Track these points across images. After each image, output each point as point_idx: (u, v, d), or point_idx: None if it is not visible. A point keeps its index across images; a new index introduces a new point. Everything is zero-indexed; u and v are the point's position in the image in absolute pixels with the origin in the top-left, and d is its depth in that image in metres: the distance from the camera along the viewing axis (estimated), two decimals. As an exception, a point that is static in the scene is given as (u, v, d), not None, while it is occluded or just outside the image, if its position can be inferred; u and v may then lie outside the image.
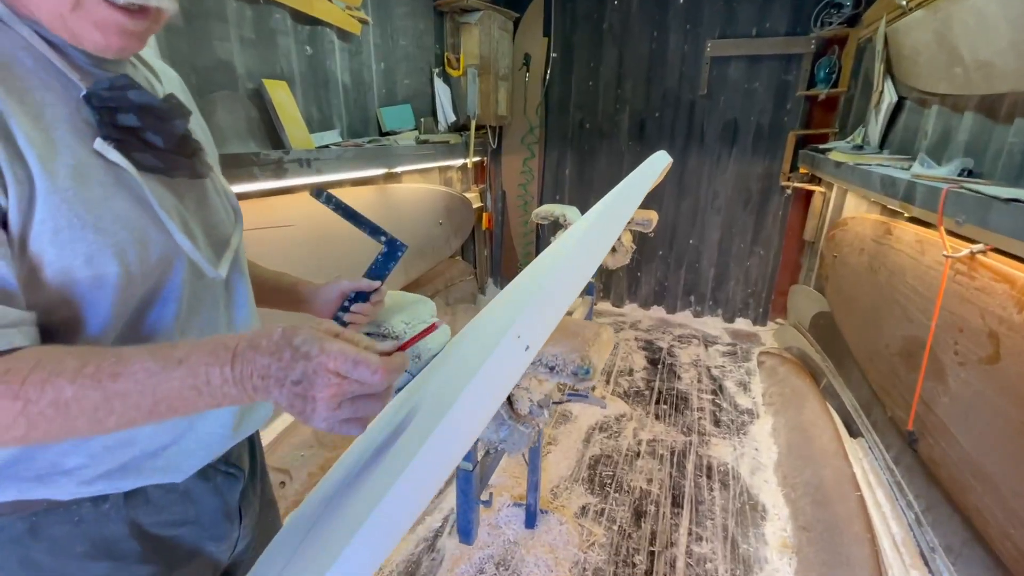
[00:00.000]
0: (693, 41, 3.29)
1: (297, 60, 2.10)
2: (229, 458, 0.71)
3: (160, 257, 0.55)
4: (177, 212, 0.58)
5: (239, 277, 0.71)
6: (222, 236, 0.68)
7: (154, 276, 0.55)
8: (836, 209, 2.84)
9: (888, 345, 1.78)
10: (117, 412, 0.44)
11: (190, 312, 0.61)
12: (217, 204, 0.68)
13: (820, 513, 1.80)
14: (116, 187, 0.52)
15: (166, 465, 0.60)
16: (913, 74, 1.87)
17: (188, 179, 0.62)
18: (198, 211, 0.64)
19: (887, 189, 1.71)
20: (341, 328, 0.49)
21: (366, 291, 0.89)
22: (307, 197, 2.17)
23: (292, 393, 0.44)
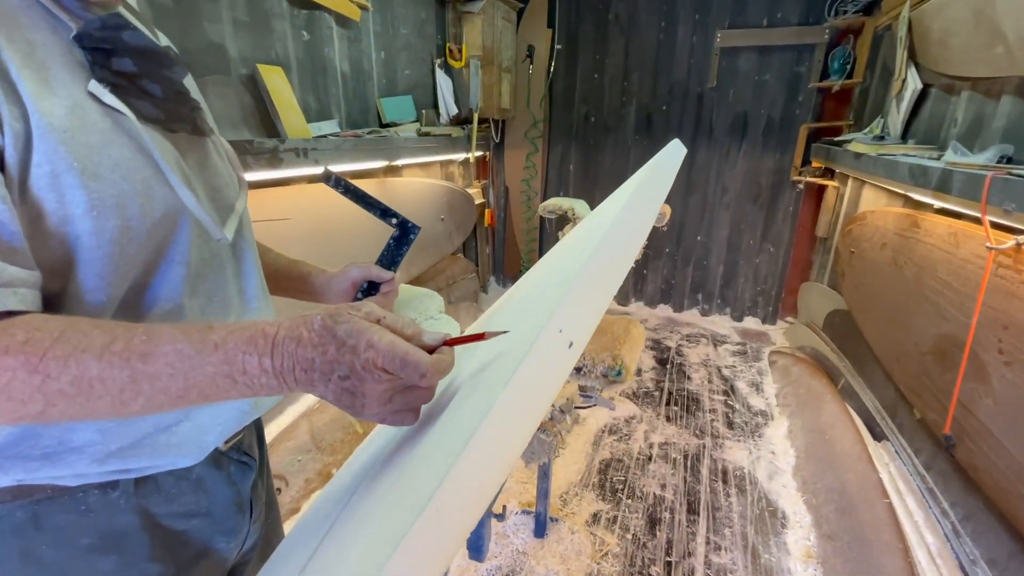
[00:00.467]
0: (702, 32, 3.20)
1: (293, 45, 2.00)
2: (241, 445, 0.68)
3: (164, 213, 0.51)
4: (179, 167, 0.55)
5: (246, 246, 0.67)
6: (226, 201, 0.64)
7: (159, 234, 0.51)
8: (851, 203, 2.75)
9: (918, 344, 1.69)
10: (145, 395, 0.41)
11: (197, 276, 0.57)
12: (220, 168, 0.65)
13: (845, 521, 1.71)
14: (114, 134, 0.48)
15: (180, 442, 0.57)
16: (942, 59, 1.78)
17: (189, 135, 0.59)
18: (200, 172, 0.60)
19: (917, 179, 1.62)
20: (382, 312, 0.45)
21: (378, 281, 0.81)
22: (305, 189, 2.08)
23: (340, 388, 0.42)
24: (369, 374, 0.40)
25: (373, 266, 0.81)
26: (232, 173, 0.68)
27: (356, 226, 2.17)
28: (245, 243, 0.67)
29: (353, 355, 0.40)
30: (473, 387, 0.44)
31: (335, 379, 0.41)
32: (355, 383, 0.41)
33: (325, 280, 0.82)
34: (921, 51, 1.98)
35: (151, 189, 0.50)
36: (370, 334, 0.41)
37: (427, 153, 2.77)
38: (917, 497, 1.63)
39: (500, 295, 3.97)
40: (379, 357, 0.40)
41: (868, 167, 2.07)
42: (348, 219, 2.14)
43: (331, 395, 0.42)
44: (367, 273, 0.80)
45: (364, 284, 0.81)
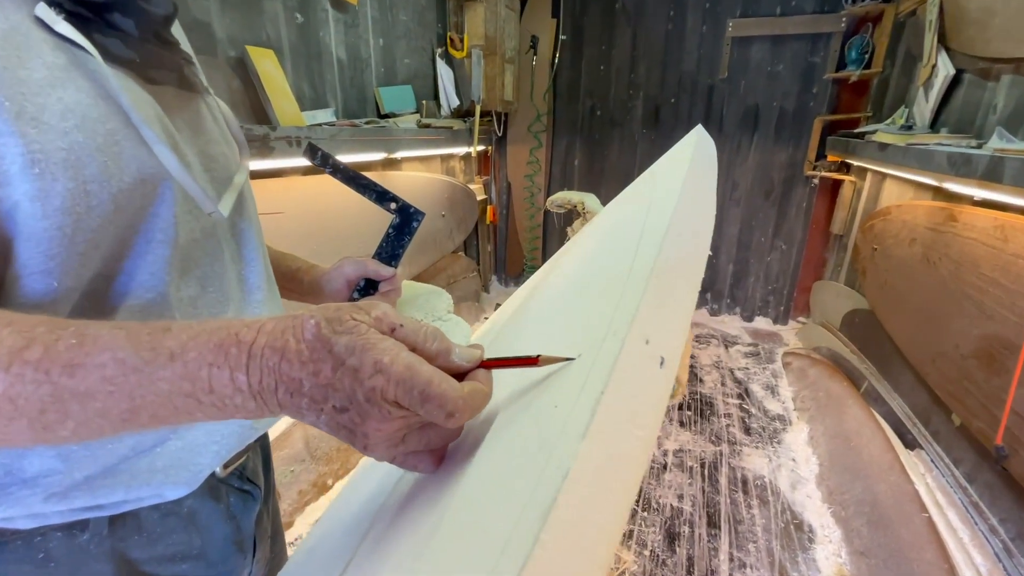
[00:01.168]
0: (712, 21, 3.08)
1: (286, 28, 1.87)
2: (244, 470, 0.58)
3: (138, 179, 0.41)
4: (160, 124, 0.44)
5: (248, 226, 0.57)
6: (224, 171, 0.54)
7: (131, 204, 0.41)
8: (871, 198, 2.64)
9: (958, 345, 1.57)
10: (75, 418, 0.31)
11: (187, 260, 0.47)
12: (216, 134, 0.55)
13: (880, 536, 1.59)
14: (69, 72, 0.37)
15: (166, 466, 0.46)
16: (980, 41, 1.66)
17: (176, 89, 0.49)
18: (191, 137, 0.50)
19: (957, 168, 1.51)
20: (397, 318, 0.33)
21: (377, 279, 0.68)
22: (299, 181, 1.95)
23: (335, 422, 0.32)
24: (376, 408, 0.30)
25: (370, 261, 0.68)
26: (231, 141, 0.58)
27: (356, 221, 2.04)
28: (246, 223, 0.57)
29: (354, 381, 0.30)
30: (518, 422, 0.31)
31: (329, 409, 0.31)
32: (355, 418, 0.31)
33: (315, 278, 0.71)
34: (953, 35, 1.87)
35: (118, 146, 0.39)
36: (379, 352, 0.30)
37: (428, 146, 2.65)
38: (960, 512, 1.51)
39: (502, 295, 3.86)
40: (390, 386, 0.30)
41: (896, 158, 1.96)
42: (347, 213, 2.01)
43: (324, 427, 0.32)
44: (363, 269, 0.68)
45: (361, 282, 0.69)
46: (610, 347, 0.27)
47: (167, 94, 0.48)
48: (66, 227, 0.36)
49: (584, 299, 0.41)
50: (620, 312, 0.30)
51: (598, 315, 0.33)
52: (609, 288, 0.36)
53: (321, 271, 0.71)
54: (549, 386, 0.30)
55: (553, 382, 0.30)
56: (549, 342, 0.39)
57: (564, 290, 0.53)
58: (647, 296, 0.30)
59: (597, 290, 0.39)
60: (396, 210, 0.68)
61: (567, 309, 0.44)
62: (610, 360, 0.25)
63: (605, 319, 0.31)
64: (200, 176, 0.49)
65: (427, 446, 0.34)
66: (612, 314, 0.30)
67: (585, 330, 0.33)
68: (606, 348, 0.27)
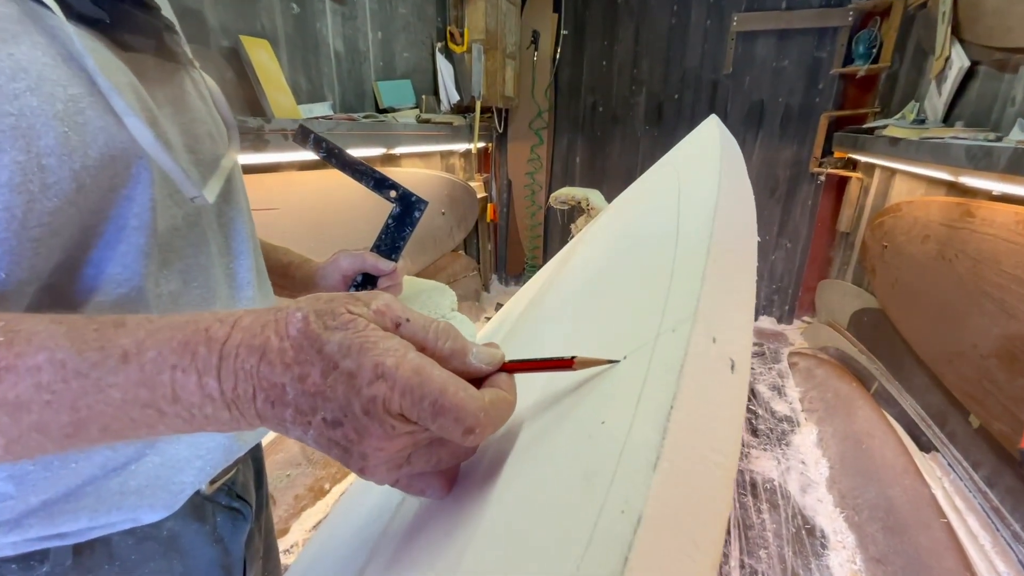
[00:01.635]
0: (717, 15, 3.03)
1: (282, 18, 1.82)
2: (233, 486, 0.51)
3: (106, 154, 0.35)
4: (135, 94, 0.39)
5: (237, 215, 0.52)
6: (209, 154, 0.48)
7: (99, 184, 0.35)
8: (879, 196, 2.59)
9: (977, 345, 1.52)
10: (5, 434, 0.25)
11: (167, 250, 0.41)
12: (201, 112, 0.49)
13: (896, 543, 1.54)
14: (22, 27, 0.32)
15: (141, 487, 0.40)
16: (999, 30, 1.62)
17: (155, 59, 0.44)
18: (173, 113, 0.44)
19: (977, 162, 1.46)
20: (402, 310, 0.28)
21: (376, 274, 0.63)
22: (295, 176, 1.89)
23: (326, 439, 0.26)
24: (376, 422, 0.25)
25: (368, 254, 0.62)
26: (218, 121, 0.52)
27: (356, 218, 1.99)
28: (235, 211, 0.52)
29: (350, 388, 0.24)
30: (551, 440, 0.25)
31: (318, 423, 0.25)
32: (351, 434, 0.25)
33: (309, 273, 0.66)
34: (968, 25, 1.82)
35: (82, 115, 0.33)
36: (381, 353, 0.25)
37: (427, 142, 2.60)
38: (980, 517, 1.46)
39: (503, 294, 3.80)
40: (395, 395, 0.24)
41: (909, 153, 1.91)
42: (346, 210, 1.96)
43: (313, 443, 0.26)
44: (361, 263, 0.62)
45: (358, 278, 0.63)
46: (669, 347, 0.21)
47: (144, 63, 0.42)
48: (15, 207, 0.31)
49: (615, 294, 0.35)
50: (675, 305, 0.24)
51: (641, 310, 0.27)
52: (650, 279, 0.30)
53: (315, 265, 0.66)
54: (588, 396, 0.25)
55: (593, 391, 0.25)
56: (575, 343, 0.34)
57: (585, 286, 0.47)
58: (707, 285, 0.24)
59: (633, 283, 0.34)
60: (396, 199, 0.63)
61: (593, 306, 0.38)
62: (673, 363, 0.20)
63: (653, 314, 0.25)
64: (182, 156, 0.44)
65: (436, 466, 0.28)
66: (662, 308, 0.25)
67: (625, 328, 0.28)
68: (662, 349, 0.22)
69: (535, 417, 0.28)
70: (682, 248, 0.31)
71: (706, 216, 0.32)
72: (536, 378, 0.32)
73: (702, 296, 0.23)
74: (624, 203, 0.82)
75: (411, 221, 0.63)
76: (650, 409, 0.19)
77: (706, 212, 0.32)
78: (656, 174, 0.73)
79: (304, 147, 0.60)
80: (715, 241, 0.28)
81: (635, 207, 0.63)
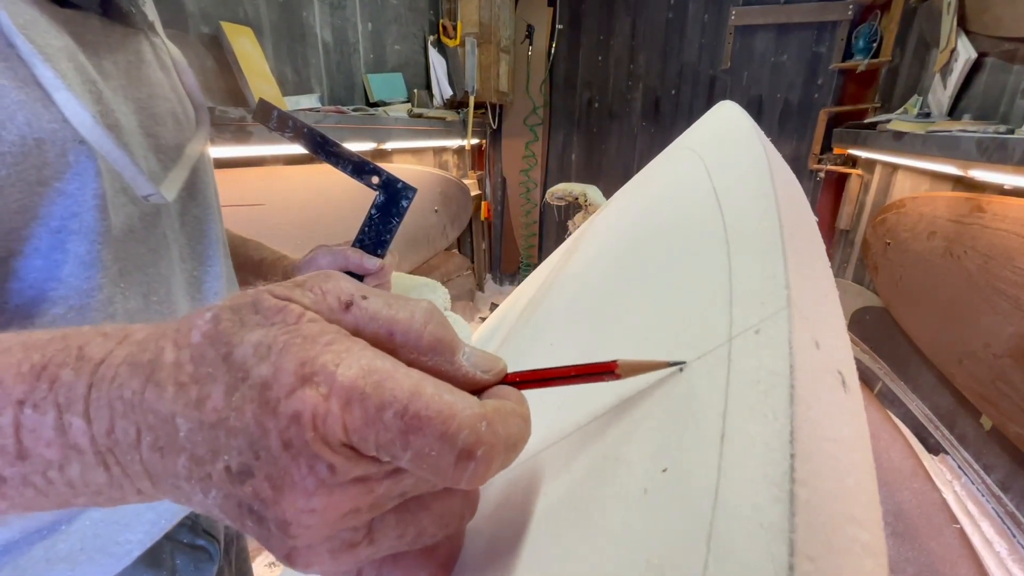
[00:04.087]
0: (715, 9, 2.98)
1: (266, 5, 1.74)
2: (196, 521, 0.45)
3: (28, 137, 0.28)
4: (72, 62, 0.31)
5: (204, 213, 0.45)
6: (171, 139, 0.41)
7: (20, 178, 0.28)
8: (880, 192, 2.55)
9: (989, 344, 1.47)
10: None
11: (120, 261, 0.34)
12: (163, 85, 0.42)
13: (906, 550, 1.48)
14: None
15: (75, 551, 0.32)
16: (1007, 19, 1.57)
17: (102, 20, 0.36)
18: (125, 86, 0.37)
19: (989, 155, 1.40)
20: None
21: (360, 272, 0.55)
22: (281, 171, 1.81)
23: (234, 503, 0.16)
24: (303, 462, 0.15)
25: (351, 250, 0.54)
26: (184, 99, 0.45)
27: (347, 214, 1.91)
28: (202, 210, 0.45)
29: (262, 406, 0.15)
30: (593, 498, 0.18)
31: (220, 474, 0.16)
32: (263, 488, 0.16)
33: (284, 271, 0.58)
34: (975, 16, 1.77)
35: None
36: (311, 348, 0.16)
37: (420, 137, 2.52)
38: (995, 523, 1.41)
39: (497, 294, 3.73)
40: (334, 408, 0.15)
41: (914, 147, 1.86)
42: (336, 205, 1.88)
43: (219, 512, 0.17)
44: (343, 261, 0.54)
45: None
46: (755, 355, 0.15)
47: (88, 24, 0.35)
48: None
49: (645, 291, 0.29)
50: (750, 295, 0.17)
51: (695, 306, 0.21)
52: (699, 269, 0.24)
53: (290, 263, 0.59)
54: (632, 422, 0.18)
55: (638, 415, 0.18)
56: (598, 349, 0.27)
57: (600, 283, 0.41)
58: (791, 271, 0.17)
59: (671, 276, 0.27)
60: (379, 185, 0.55)
61: (615, 305, 0.32)
62: (773, 379, 0.13)
63: (715, 309, 0.19)
64: (136, 141, 0.36)
65: (416, 543, 0.18)
66: (727, 300, 0.18)
67: (674, 329, 0.21)
68: (742, 356, 0.15)
69: (553, 455, 0.21)
70: (734, 231, 0.24)
71: (763, 192, 0.25)
72: (546, 399, 0.25)
73: (791, 283, 0.16)
74: (632, 195, 0.75)
75: (398, 211, 0.56)
76: (751, 453, 0.12)
77: (761, 188, 0.26)
78: (670, 161, 0.66)
79: (267, 127, 0.52)
80: (784, 218, 0.22)
81: (649, 196, 0.56)
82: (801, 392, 0.13)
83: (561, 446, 0.21)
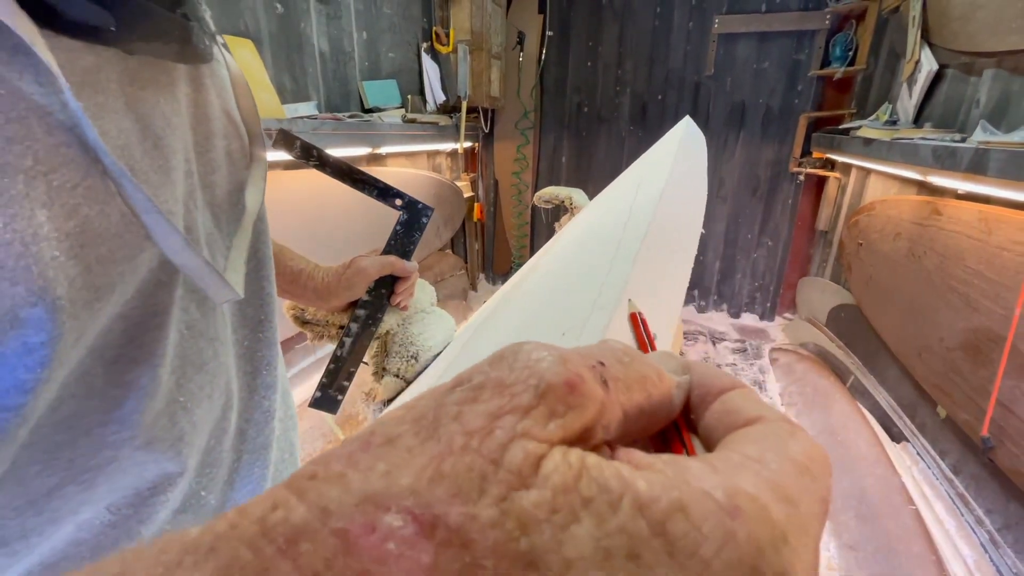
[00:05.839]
0: (699, 17, 3.08)
1: (265, 18, 1.83)
2: None
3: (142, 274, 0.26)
4: (147, 157, 0.28)
5: (263, 269, 0.40)
6: (223, 188, 0.36)
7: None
8: (855, 195, 2.66)
9: (943, 338, 1.58)
10: None
11: (172, 377, 0.31)
12: (220, 118, 0.36)
13: (868, 530, 1.59)
14: None
15: None
16: (964, 35, 1.67)
17: (159, 59, 0.30)
18: (184, 132, 0.32)
19: (943, 162, 1.51)
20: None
21: (402, 275, 0.65)
22: (281, 175, 1.90)
23: None
24: None
25: (393, 257, 0.62)
26: (238, 124, 0.39)
27: (347, 218, 2.00)
28: (260, 265, 0.41)
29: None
30: None
31: None
32: None
33: (327, 283, 0.61)
34: (936, 30, 1.88)
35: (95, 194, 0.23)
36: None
37: (413, 142, 2.61)
38: (947, 503, 1.52)
39: (490, 293, 3.82)
40: None
41: (881, 153, 1.97)
42: (337, 210, 1.97)
43: None
44: (390, 266, 0.61)
45: (371, 285, 0.64)
46: (597, 323, 0.24)
47: (156, 69, 0.29)
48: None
49: (569, 281, 0.38)
50: (608, 286, 0.27)
51: (584, 292, 0.30)
52: (597, 265, 0.33)
53: (331, 273, 0.62)
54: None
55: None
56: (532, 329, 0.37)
57: (549, 277, 0.50)
58: (637, 268, 0.27)
59: (584, 269, 0.37)
60: (402, 206, 0.65)
61: (553, 295, 0.41)
62: (595, 336, 0.23)
63: (592, 295, 0.28)
64: (204, 222, 0.32)
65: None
66: (599, 289, 0.28)
67: (570, 309, 0.31)
68: (592, 324, 0.25)
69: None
70: (626, 237, 0.34)
71: (648, 209, 0.35)
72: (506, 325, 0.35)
73: (630, 279, 0.26)
74: (597, 201, 0.85)
75: (419, 227, 0.66)
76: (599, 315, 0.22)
77: (649, 205, 0.35)
78: (627, 173, 0.76)
79: (291, 154, 0.60)
80: (651, 232, 0.31)
81: (602, 203, 0.66)
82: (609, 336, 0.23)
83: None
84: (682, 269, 0.32)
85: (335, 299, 0.62)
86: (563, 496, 0.10)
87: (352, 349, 0.65)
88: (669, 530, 0.10)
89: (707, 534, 0.10)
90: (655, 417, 0.15)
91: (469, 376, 0.13)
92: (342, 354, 0.65)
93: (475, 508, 0.10)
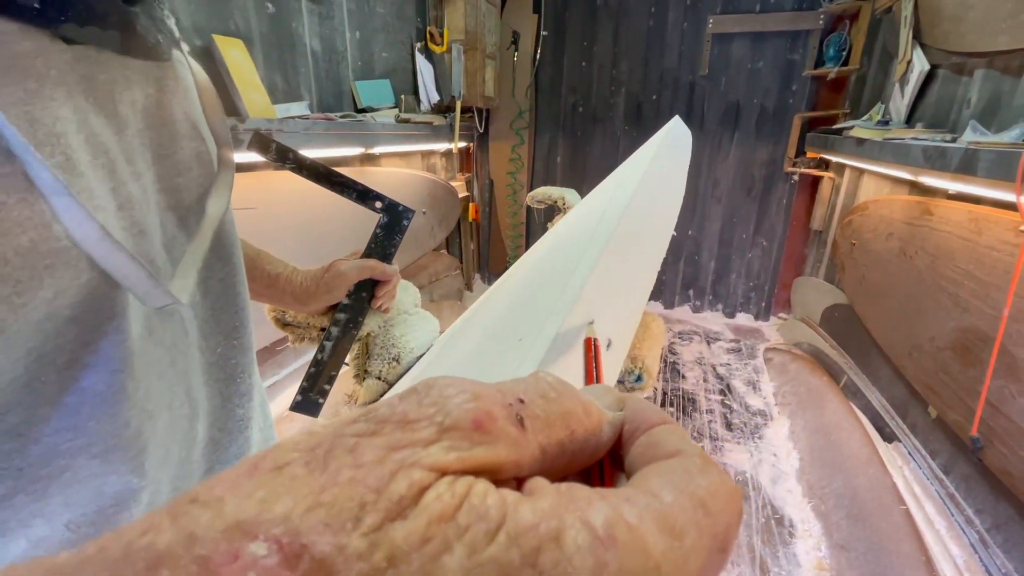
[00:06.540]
0: (694, 17, 3.08)
1: (256, 18, 1.82)
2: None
3: (37, 267, 0.25)
4: (89, 146, 0.27)
5: (232, 273, 0.39)
6: (193, 192, 0.35)
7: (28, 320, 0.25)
8: (849, 195, 2.66)
9: (934, 338, 1.58)
10: None
11: (135, 384, 0.30)
12: (186, 120, 0.36)
13: (859, 530, 1.59)
14: None
15: None
16: (955, 35, 1.68)
17: (120, 56, 0.30)
18: (144, 132, 0.32)
19: (933, 162, 1.51)
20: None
21: (383, 279, 0.64)
22: (271, 175, 1.90)
23: None
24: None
25: (373, 260, 0.62)
26: (206, 128, 0.38)
27: (338, 218, 1.99)
28: (229, 269, 0.40)
29: None
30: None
31: None
32: None
33: (306, 287, 0.60)
34: (928, 30, 1.88)
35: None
36: None
37: (407, 142, 2.61)
38: (937, 503, 1.52)
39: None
40: None
41: (873, 153, 1.97)
42: (327, 209, 1.96)
43: None
44: (368, 269, 0.60)
45: (351, 288, 0.63)
46: (549, 330, 0.24)
47: (103, 59, 0.29)
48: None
49: (538, 285, 0.38)
50: (567, 292, 0.27)
51: (546, 297, 0.30)
52: (563, 270, 0.33)
53: (310, 276, 0.61)
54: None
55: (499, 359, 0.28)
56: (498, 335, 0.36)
57: (521, 281, 0.50)
58: (596, 274, 0.27)
59: (552, 273, 0.36)
60: (383, 209, 0.65)
61: (521, 299, 0.41)
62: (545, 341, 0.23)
63: (553, 300, 0.28)
64: (154, 224, 0.31)
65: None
66: (560, 294, 0.28)
67: (534, 313, 0.30)
68: (547, 329, 0.24)
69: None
70: (594, 241, 0.33)
71: (618, 212, 0.34)
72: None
73: (587, 284, 0.26)
74: (582, 202, 0.85)
75: (400, 229, 0.65)
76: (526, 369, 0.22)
77: (619, 209, 0.35)
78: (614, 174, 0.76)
79: (266, 157, 0.59)
80: (616, 236, 0.31)
81: (584, 205, 0.66)
82: (558, 346, 0.22)
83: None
84: (648, 271, 0.32)
85: (315, 303, 0.62)
86: (438, 525, 0.10)
87: (333, 352, 0.65)
88: (540, 561, 0.10)
89: (577, 566, 0.10)
90: (580, 454, 0.15)
91: (376, 408, 0.13)
92: (323, 357, 0.65)
93: (347, 538, 0.10)
